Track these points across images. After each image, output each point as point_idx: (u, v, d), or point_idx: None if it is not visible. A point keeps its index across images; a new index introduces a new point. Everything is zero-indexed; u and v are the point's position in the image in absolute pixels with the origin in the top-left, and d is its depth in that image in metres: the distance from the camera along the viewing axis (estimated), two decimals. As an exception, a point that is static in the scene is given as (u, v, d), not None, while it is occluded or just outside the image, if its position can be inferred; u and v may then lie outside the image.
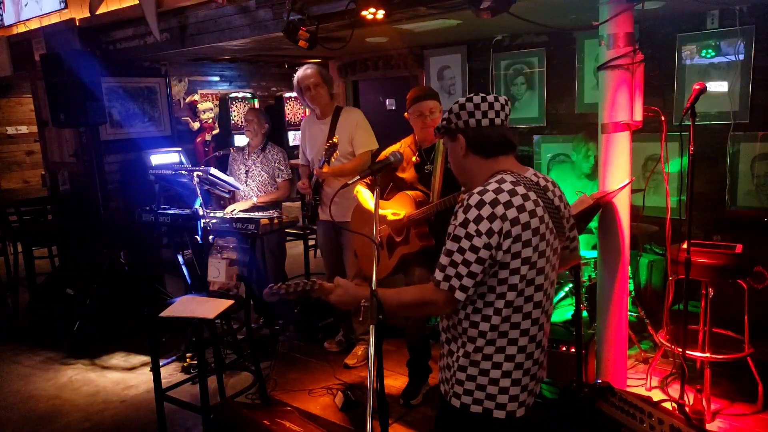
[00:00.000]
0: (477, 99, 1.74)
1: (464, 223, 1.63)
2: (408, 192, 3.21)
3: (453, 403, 1.76)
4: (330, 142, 3.60)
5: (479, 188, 1.67)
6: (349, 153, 3.86)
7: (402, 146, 3.35)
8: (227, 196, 4.54)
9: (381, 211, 3.19)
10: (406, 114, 3.32)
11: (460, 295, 1.63)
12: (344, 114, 3.91)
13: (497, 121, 1.74)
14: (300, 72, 3.89)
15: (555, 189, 1.81)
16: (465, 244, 1.62)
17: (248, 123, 4.47)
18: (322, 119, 3.95)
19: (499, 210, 1.61)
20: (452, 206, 2.61)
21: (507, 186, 1.66)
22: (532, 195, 1.68)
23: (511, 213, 1.62)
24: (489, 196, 1.63)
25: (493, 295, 1.67)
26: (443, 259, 1.66)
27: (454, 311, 1.74)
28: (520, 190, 1.66)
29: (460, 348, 1.75)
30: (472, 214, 1.62)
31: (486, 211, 1.61)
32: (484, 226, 1.60)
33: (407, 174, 3.29)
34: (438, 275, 1.66)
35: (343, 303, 1.84)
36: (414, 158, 3.27)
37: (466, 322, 1.72)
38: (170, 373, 4.02)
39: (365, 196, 3.32)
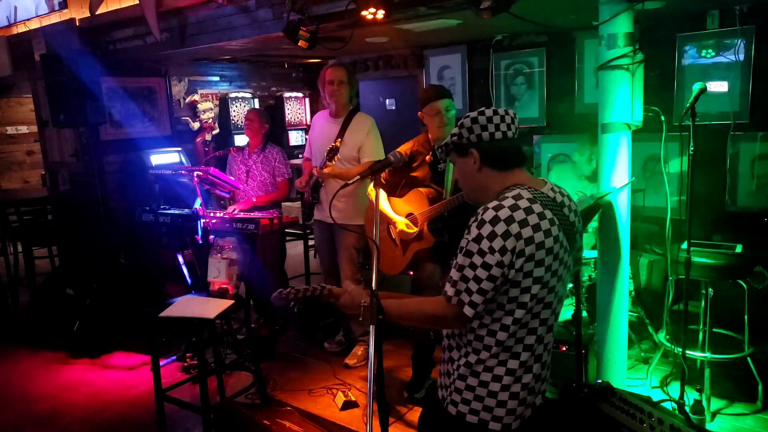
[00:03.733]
0: (489, 112, 1.71)
1: (477, 239, 1.59)
2: (421, 189, 3.22)
3: (449, 410, 1.75)
4: (333, 144, 3.59)
5: (494, 203, 1.63)
6: (354, 158, 3.84)
7: (415, 145, 3.34)
8: (227, 196, 4.54)
9: (394, 216, 3.21)
10: (420, 113, 3.30)
11: (468, 311, 1.61)
12: (357, 118, 3.89)
13: (509, 134, 1.73)
14: (330, 66, 3.88)
15: (571, 203, 1.77)
16: (477, 260, 1.59)
17: (249, 122, 4.47)
18: (335, 118, 3.95)
19: (514, 228, 1.58)
20: (464, 202, 2.60)
21: (524, 203, 1.62)
22: (548, 213, 1.65)
23: (526, 232, 1.58)
24: (504, 213, 1.59)
25: (502, 312, 1.65)
26: (454, 274, 1.64)
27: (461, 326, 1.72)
28: (537, 207, 1.63)
29: (462, 357, 1.73)
30: (486, 230, 1.59)
31: (500, 228, 1.58)
32: (497, 244, 1.57)
33: (420, 172, 3.30)
34: (449, 290, 1.64)
35: (347, 309, 1.83)
36: (427, 157, 3.27)
37: (471, 334, 1.70)
38: (170, 373, 4.02)
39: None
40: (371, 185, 3.36)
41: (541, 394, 1.80)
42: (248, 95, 7.15)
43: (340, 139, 3.72)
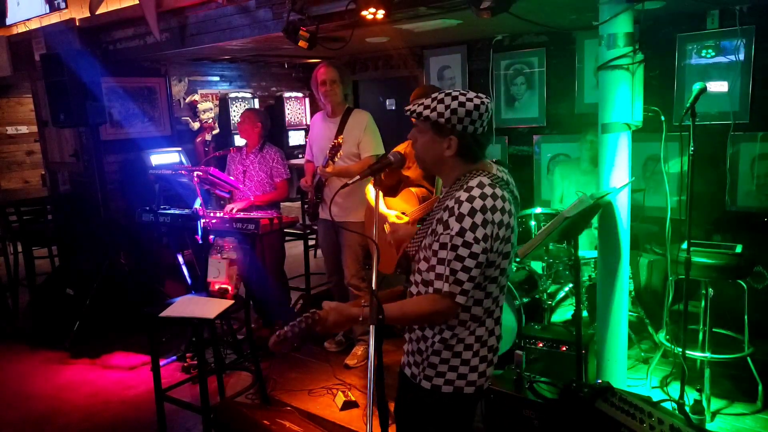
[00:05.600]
0: (483, 108, 1.73)
1: (461, 233, 1.68)
2: (412, 189, 3.23)
3: (423, 385, 1.83)
4: (335, 141, 3.60)
5: (466, 195, 1.70)
6: (354, 154, 3.86)
7: (407, 145, 3.35)
8: (227, 196, 4.54)
9: (386, 211, 3.22)
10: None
11: (461, 299, 1.70)
12: (354, 115, 3.90)
13: (486, 129, 1.78)
14: (320, 66, 3.88)
15: (511, 179, 1.88)
16: (464, 252, 1.67)
17: (240, 125, 4.46)
18: (332, 117, 3.95)
19: (489, 216, 1.68)
20: None
21: (488, 190, 1.71)
22: (506, 194, 1.76)
23: (497, 217, 1.70)
24: (479, 203, 1.68)
25: (478, 290, 1.76)
26: (439, 269, 1.70)
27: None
28: (498, 192, 1.73)
29: (436, 335, 1.80)
30: (467, 222, 1.67)
31: (479, 218, 1.68)
32: (480, 233, 1.67)
33: (412, 172, 3.31)
34: (438, 284, 1.70)
35: (340, 325, 1.80)
36: None
37: None
38: (170, 373, 4.02)
39: (372, 196, 3.33)
40: (369, 185, 3.37)
41: (497, 351, 1.91)
42: (248, 95, 7.14)
43: (341, 136, 3.72)
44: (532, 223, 3.97)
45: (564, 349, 3.29)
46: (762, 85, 3.98)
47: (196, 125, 6.57)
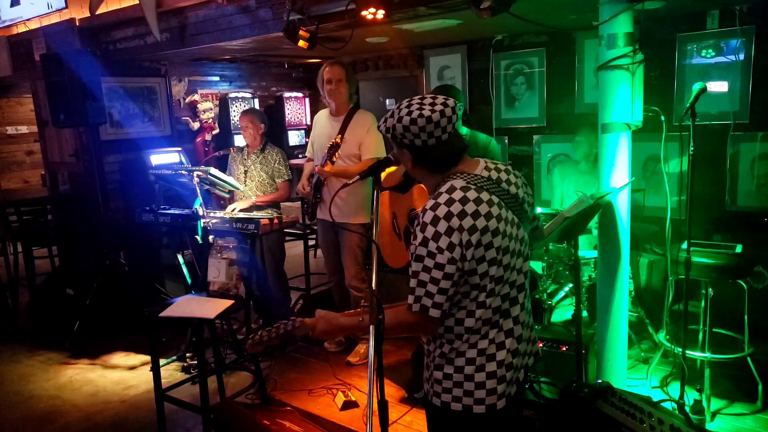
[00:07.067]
0: (422, 121, 1.65)
1: (424, 243, 1.62)
2: (423, 185, 3.22)
3: (434, 402, 1.78)
4: (333, 141, 3.59)
5: (431, 202, 1.65)
6: (355, 155, 3.85)
7: None
8: (227, 196, 4.54)
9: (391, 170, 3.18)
10: None
11: (435, 313, 1.63)
12: (357, 116, 3.89)
13: (444, 137, 1.68)
14: (327, 64, 3.87)
15: (510, 176, 1.77)
16: (429, 262, 1.61)
17: (244, 130, 4.45)
18: (336, 116, 3.94)
19: (455, 222, 1.60)
20: None
21: (457, 194, 1.63)
22: (485, 195, 1.66)
23: (467, 222, 1.61)
24: (442, 210, 1.61)
25: (467, 300, 1.68)
26: (411, 281, 1.65)
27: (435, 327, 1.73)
28: (471, 195, 1.64)
29: (437, 348, 1.76)
30: (430, 231, 1.61)
31: (442, 226, 1.60)
32: (444, 242, 1.60)
33: None
34: (410, 299, 1.66)
35: (328, 334, 1.80)
36: None
37: (441, 327, 1.73)
38: (170, 373, 4.02)
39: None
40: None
41: (523, 368, 1.82)
42: (248, 95, 7.14)
43: (340, 136, 3.71)
44: (532, 223, 3.96)
45: (564, 349, 3.29)
46: (762, 85, 3.98)
47: (196, 125, 6.58)
